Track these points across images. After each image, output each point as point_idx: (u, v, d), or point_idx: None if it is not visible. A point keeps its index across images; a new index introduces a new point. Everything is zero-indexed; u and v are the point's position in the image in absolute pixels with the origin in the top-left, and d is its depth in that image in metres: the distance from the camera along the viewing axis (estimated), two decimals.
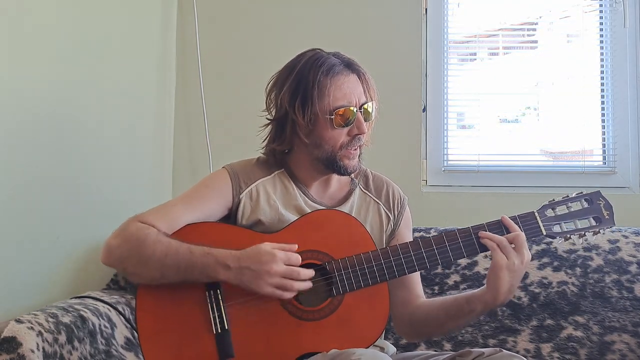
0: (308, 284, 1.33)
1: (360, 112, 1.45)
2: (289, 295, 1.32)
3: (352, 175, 1.55)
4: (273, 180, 1.52)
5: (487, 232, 1.39)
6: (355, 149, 1.47)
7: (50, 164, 1.75)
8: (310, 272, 1.33)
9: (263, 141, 1.56)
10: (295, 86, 1.44)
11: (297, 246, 1.35)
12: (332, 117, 1.42)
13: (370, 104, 1.47)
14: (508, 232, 1.39)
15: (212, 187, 1.49)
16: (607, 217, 1.45)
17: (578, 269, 1.99)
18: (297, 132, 1.46)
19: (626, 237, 2.02)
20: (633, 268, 1.97)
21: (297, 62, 1.48)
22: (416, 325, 1.53)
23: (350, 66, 1.47)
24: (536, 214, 1.44)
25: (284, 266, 1.30)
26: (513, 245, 1.36)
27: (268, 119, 1.53)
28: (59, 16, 1.78)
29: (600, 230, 1.45)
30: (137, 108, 2.23)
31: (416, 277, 1.56)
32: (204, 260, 1.32)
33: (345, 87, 1.43)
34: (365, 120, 1.46)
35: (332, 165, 1.47)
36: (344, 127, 1.44)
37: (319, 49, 1.50)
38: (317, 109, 1.42)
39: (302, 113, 1.42)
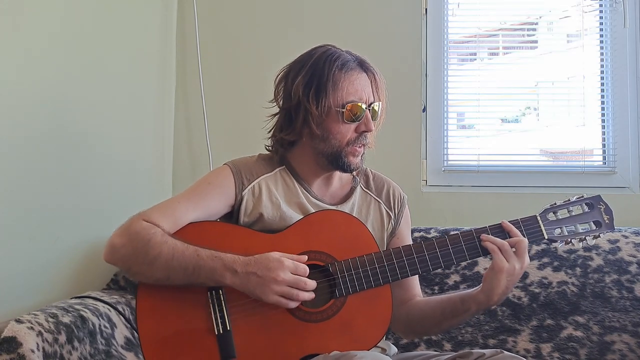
0: (312, 295, 1.33)
1: (369, 110, 1.46)
2: (293, 304, 1.32)
3: (354, 173, 1.56)
4: (275, 177, 1.52)
5: (489, 236, 1.40)
6: (361, 147, 1.48)
7: (50, 164, 1.75)
8: (314, 283, 1.33)
9: (269, 131, 1.55)
10: (309, 77, 1.45)
11: (306, 257, 1.35)
12: (343, 110, 1.43)
13: (378, 104, 1.49)
14: (510, 236, 1.40)
15: (215, 184, 1.48)
16: (607, 221, 1.47)
17: (578, 269, 1.99)
18: (308, 122, 1.45)
19: (626, 237, 2.02)
20: (633, 268, 1.97)
21: (310, 55, 1.48)
22: (412, 323, 1.54)
23: (362, 64, 1.48)
24: (538, 217, 1.45)
25: (290, 275, 1.30)
26: (514, 250, 1.37)
27: (279, 107, 1.53)
28: (58, 16, 1.78)
29: (600, 235, 1.46)
30: (137, 108, 2.22)
31: (414, 277, 1.56)
32: (211, 264, 1.31)
33: (357, 83, 1.45)
34: (373, 120, 1.47)
35: (337, 160, 1.47)
36: (352, 122, 1.44)
37: (332, 45, 1.51)
38: (330, 101, 1.42)
39: (316, 103, 1.43)
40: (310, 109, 1.43)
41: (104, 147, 2.00)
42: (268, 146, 1.57)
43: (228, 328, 1.33)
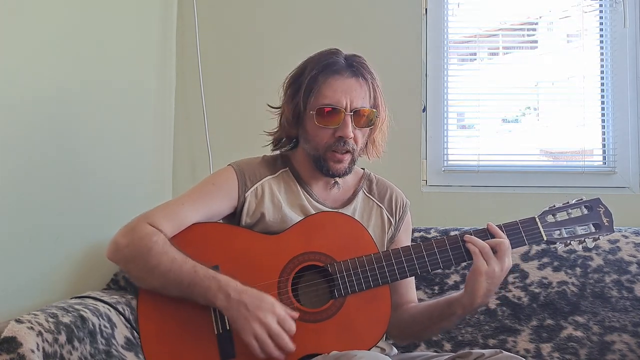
0: (282, 357, 1.29)
1: (351, 115, 1.42)
2: (260, 356, 1.28)
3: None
4: (278, 179, 1.52)
5: (472, 237, 1.39)
6: (344, 153, 1.44)
7: (51, 164, 1.75)
8: (293, 346, 1.28)
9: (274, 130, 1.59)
10: (293, 79, 1.49)
11: (298, 314, 1.32)
12: (315, 113, 1.42)
13: (373, 111, 1.45)
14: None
15: (219, 185, 1.49)
16: (606, 224, 1.46)
17: (578, 269, 1.99)
18: (282, 122, 1.51)
19: (626, 237, 2.02)
20: (633, 268, 1.97)
21: (311, 57, 1.50)
22: (403, 328, 1.54)
23: (354, 69, 1.44)
24: (537, 219, 1.44)
25: (276, 325, 1.28)
26: (495, 252, 1.36)
27: (276, 107, 1.56)
28: (58, 17, 1.78)
29: (600, 237, 1.46)
30: (137, 108, 2.22)
31: (410, 283, 1.57)
32: (206, 283, 1.31)
33: (337, 86, 1.42)
34: (360, 127, 1.44)
35: (319, 164, 1.47)
36: (327, 127, 1.43)
37: (337, 49, 1.50)
38: (301, 103, 1.44)
39: (290, 104, 1.46)
40: (285, 110, 1.48)
41: (104, 147, 2.00)
42: (270, 146, 1.59)
43: (227, 328, 1.33)
